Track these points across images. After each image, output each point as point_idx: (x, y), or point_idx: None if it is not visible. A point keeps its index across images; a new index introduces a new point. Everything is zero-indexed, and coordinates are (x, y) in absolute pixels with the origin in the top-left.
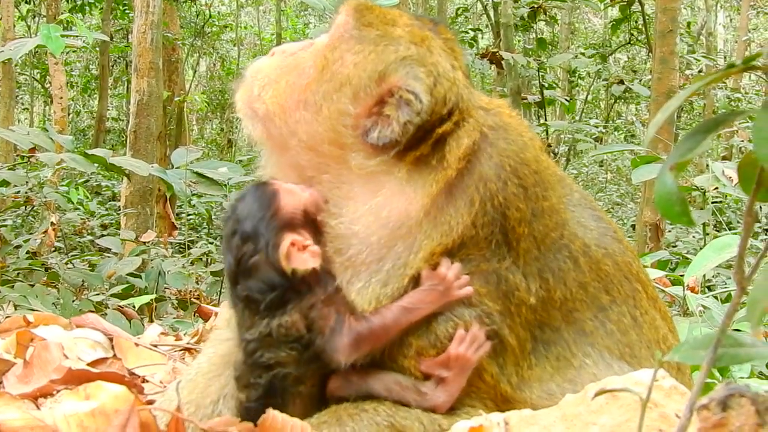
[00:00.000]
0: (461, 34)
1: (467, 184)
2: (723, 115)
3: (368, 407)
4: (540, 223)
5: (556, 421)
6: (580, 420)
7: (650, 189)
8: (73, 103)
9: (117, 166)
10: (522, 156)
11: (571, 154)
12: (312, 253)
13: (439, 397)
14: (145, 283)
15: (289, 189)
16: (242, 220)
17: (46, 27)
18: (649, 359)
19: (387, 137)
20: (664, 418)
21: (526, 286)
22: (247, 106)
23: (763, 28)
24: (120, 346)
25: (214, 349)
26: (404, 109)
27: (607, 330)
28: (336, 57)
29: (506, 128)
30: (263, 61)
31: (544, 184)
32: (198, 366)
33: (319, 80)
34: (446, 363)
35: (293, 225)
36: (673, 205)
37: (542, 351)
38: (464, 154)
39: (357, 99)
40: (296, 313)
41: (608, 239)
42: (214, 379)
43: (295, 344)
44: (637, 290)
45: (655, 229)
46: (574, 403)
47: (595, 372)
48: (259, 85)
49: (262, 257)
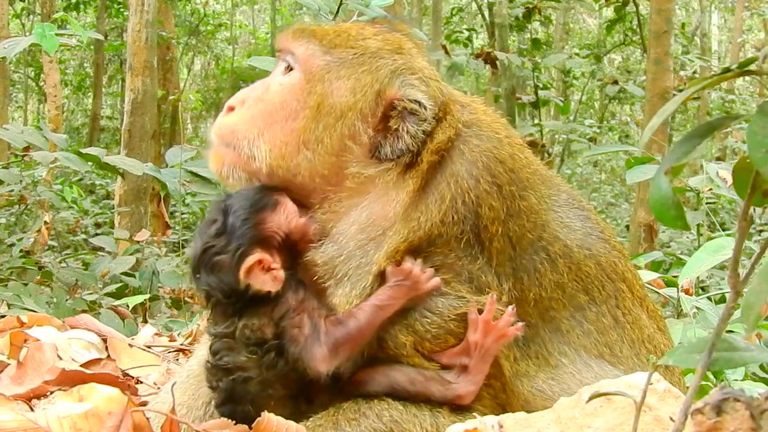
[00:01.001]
0: (456, 33)
1: (439, 180)
2: (718, 119)
3: (369, 412)
4: (515, 223)
5: (551, 424)
6: (575, 423)
7: (644, 190)
8: (67, 101)
9: (111, 165)
10: (496, 153)
11: (566, 154)
12: (274, 278)
13: (463, 385)
14: (138, 283)
15: (287, 208)
16: (228, 212)
17: (41, 25)
18: (631, 358)
19: (400, 149)
20: (659, 422)
21: (497, 285)
22: (242, 170)
23: (757, 29)
24: (114, 347)
25: (206, 350)
26: (410, 119)
27: (585, 329)
28: (327, 89)
29: (480, 125)
30: (231, 120)
31: (521, 183)
32: (189, 368)
33: (316, 117)
34: (466, 351)
35: (269, 244)
36: (669, 209)
37: (523, 346)
38: (436, 148)
39: (365, 121)
40: (266, 318)
41: (593, 240)
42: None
43: (255, 348)
44: (621, 290)
45: (649, 229)
46: (569, 406)
47: (573, 371)
48: (248, 144)
49: (227, 259)
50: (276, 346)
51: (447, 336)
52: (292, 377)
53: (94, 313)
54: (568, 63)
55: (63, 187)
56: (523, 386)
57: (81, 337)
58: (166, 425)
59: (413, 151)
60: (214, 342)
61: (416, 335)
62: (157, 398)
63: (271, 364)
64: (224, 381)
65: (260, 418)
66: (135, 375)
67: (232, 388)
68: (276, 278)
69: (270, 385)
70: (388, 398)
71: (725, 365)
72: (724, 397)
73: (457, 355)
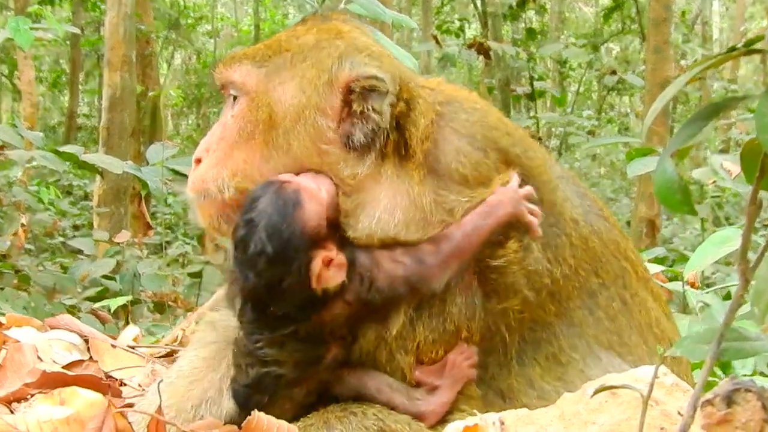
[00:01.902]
0: (447, 24)
1: (447, 161)
2: (723, 100)
3: (357, 410)
4: (531, 183)
5: (554, 420)
6: (579, 419)
7: (645, 183)
8: (42, 99)
9: (89, 164)
10: (487, 122)
11: (563, 147)
12: (339, 266)
13: (428, 405)
14: (119, 286)
15: (310, 191)
16: (266, 236)
17: (15, 19)
18: (640, 346)
19: (371, 130)
20: (666, 416)
21: (543, 259)
22: (226, 212)
23: (760, 16)
24: (96, 348)
25: (197, 351)
26: (371, 96)
27: (596, 317)
28: (273, 98)
29: (459, 101)
30: (199, 171)
31: (522, 144)
32: (179, 369)
33: (272, 126)
34: (440, 371)
35: (320, 238)
36: (674, 193)
37: (530, 353)
38: (424, 135)
39: (325, 115)
40: (339, 305)
41: (594, 216)
42: (196, 383)
43: (305, 344)
44: (626, 269)
45: (651, 225)
46: (572, 402)
47: (582, 368)
48: (215, 183)
49: (295, 279)
50: (332, 338)
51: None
52: (321, 380)
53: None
54: (564, 53)
55: (39, 188)
56: (526, 396)
57: (62, 338)
58: (152, 426)
59: (384, 130)
60: (254, 330)
61: (436, 332)
62: (143, 400)
63: (313, 361)
64: (255, 369)
65: (250, 417)
66: (119, 377)
67: (261, 378)
68: (341, 265)
69: (297, 385)
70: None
71: (735, 355)
72: (735, 387)
73: (430, 373)
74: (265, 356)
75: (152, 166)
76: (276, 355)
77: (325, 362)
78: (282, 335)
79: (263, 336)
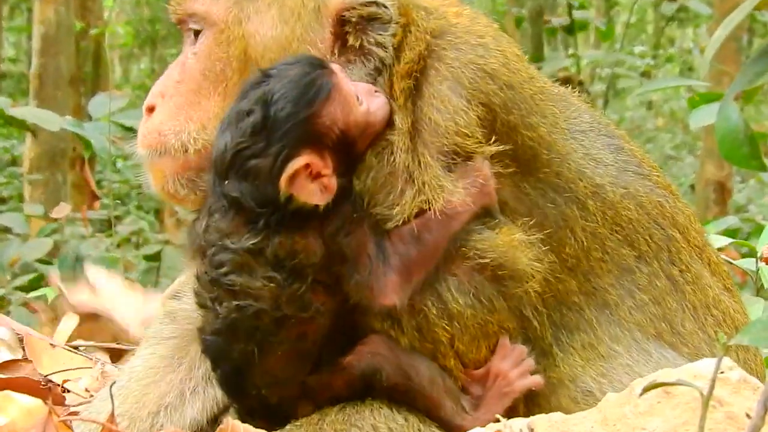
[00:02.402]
0: None
1: (423, 113)
2: None
3: (361, 423)
4: (523, 159)
5: (595, 426)
6: (625, 424)
7: (713, 137)
8: None
9: (18, 119)
10: (483, 66)
11: (610, 94)
12: (324, 187)
13: (472, 421)
14: (58, 272)
15: (345, 94)
16: (269, 101)
17: None
18: (695, 333)
19: (375, 68)
20: (732, 419)
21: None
22: (185, 171)
23: None
24: (32, 347)
25: (152, 349)
26: (372, 26)
27: (637, 300)
28: (249, 29)
29: (453, 32)
30: (153, 121)
31: (523, 105)
32: (131, 371)
33: (248, 66)
34: (483, 380)
35: (321, 143)
36: (740, 145)
37: (565, 340)
38: (407, 71)
39: (313, 48)
40: (313, 235)
41: (630, 176)
42: (152, 386)
43: (284, 273)
44: (673, 238)
45: (721, 188)
46: (617, 404)
47: (629, 362)
48: (176, 137)
49: (266, 164)
50: (311, 274)
51: (480, 337)
52: (318, 323)
53: (3, 311)
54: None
55: None
56: (565, 392)
57: None
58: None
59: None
60: (221, 251)
61: (452, 324)
62: (90, 407)
63: (295, 298)
64: (225, 305)
65: (223, 425)
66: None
67: (234, 319)
68: (327, 187)
69: (285, 328)
70: (375, 402)
71: None
72: None
73: (473, 379)
74: (233, 285)
75: (96, 122)
76: (249, 285)
77: (314, 305)
78: (248, 251)
79: (228, 253)
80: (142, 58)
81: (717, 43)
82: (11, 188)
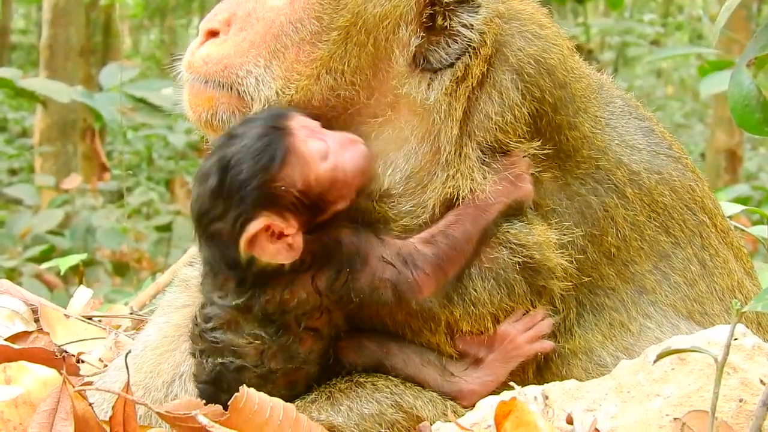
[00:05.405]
0: None
1: (482, 100)
2: None
3: (364, 381)
4: (565, 153)
5: (609, 393)
6: (640, 391)
7: (723, 105)
8: None
9: (28, 91)
10: (545, 60)
11: (620, 62)
12: (287, 246)
13: (468, 382)
14: (69, 243)
15: (305, 154)
16: (227, 165)
17: None
18: (721, 315)
19: (459, 50)
20: (746, 386)
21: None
22: (240, 113)
23: None
24: (46, 318)
25: (166, 318)
26: (462, 8)
27: (672, 283)
28: (358, 3)
29: (520, 18)
30: (219, 49)
31: (573, 105)
32: (146, 339)
33: (346, 39)
34: (490, 342)
35: (281, 204)
36: (752, 111)
37: (591, 319)
38: (487, 54)
39: (410, 25)
40: (304, 286)
41: (663, 160)
42: (167, 354)
43: (271, 330)
44: (704, 223)
45: (732, 156)
46: (632, 371)
47: (659, 336)
48: (252, 82)
49: (227, 227)
50: (304, 321)
51: (489, 317)
52: (306, 370)
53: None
54: None
55: None
56: (578, 363)
57: (2, 304)
58: (119, 407)
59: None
60: (209, 305)
61: (463, 305)
62: (105, 377)
63: (283, 350)
64: (209, 360)
65: (238, 393)
66: (75, 351)
67: (219, 372)
68: (291, 246)
69: (271, 381)
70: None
71: None
72: None
73: (475, 343)
74: (217, 342)
75: (107, 93)
76: (232, 342)
77: (301, 356)
78: (235, 308)
79: (215, 311)
80: (152, 29)
81: (729, 11)
82: (22, 160)
